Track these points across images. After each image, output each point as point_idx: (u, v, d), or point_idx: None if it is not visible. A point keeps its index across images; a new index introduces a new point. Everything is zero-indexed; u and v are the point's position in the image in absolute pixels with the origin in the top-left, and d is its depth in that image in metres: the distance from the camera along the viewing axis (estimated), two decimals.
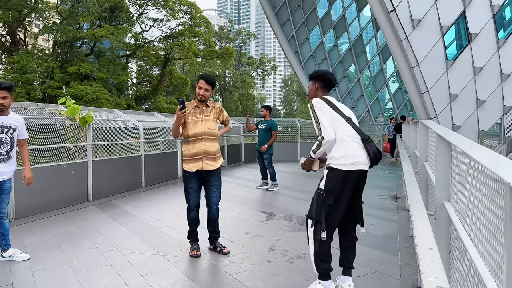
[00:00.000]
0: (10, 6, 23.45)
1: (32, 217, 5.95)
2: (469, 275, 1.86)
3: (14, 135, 4.19)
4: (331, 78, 3.45)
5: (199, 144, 4.16)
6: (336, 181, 3.10)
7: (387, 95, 22.03)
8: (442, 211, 2.62)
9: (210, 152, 4.18)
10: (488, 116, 13.27)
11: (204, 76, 4.25)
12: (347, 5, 19.80)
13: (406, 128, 9.08)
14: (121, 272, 3.81)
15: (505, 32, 13.24)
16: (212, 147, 4.20)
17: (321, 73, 3.46)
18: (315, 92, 3.43)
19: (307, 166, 3.37)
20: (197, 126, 4.17)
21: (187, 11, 29.89)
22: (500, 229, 1.37)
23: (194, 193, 4.27)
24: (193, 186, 4.25)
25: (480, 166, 1.69)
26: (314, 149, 3.20)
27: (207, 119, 4.22)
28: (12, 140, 4.14)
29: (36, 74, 23.69)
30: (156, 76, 31.27)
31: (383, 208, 6.72)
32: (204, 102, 4.25)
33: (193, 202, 4.28)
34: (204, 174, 4.22)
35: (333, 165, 3.13)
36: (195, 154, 4.16)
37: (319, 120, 3.16)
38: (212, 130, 4.23)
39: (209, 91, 4.21)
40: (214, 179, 4.28)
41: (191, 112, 4.21)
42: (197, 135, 4.16)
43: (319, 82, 3.42)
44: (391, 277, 3.66)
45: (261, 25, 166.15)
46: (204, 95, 4.17)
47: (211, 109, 4.28)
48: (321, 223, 3.06)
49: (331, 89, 3.51)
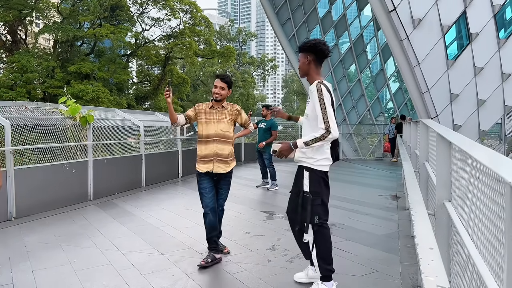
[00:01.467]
0: (11, 5, 23.46)
1: (32, 216, 5.96)
2: (470, 274, 1.86)
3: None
4: (324, 48, 3.08)
5: (211, 145, 4.02)
6: (319, 181, 3.10)
7: (387, 94, 22.00)
8: (443, 211, 2.62)
9: (222, 155, 4.04)
10: (488, 116, 13.26)
11: (219, 75, 4.15)
12: (347, 5, 19.78)
13: (407, 128, 9.07)
14: (122, 271, 3.81)
15: (506, 32, 13.23)
16: (224, 149, 4.05)
17: (313, 44, 3.09)
18: (308, 66, 3.12)
19: (285, 154, 3.11)
20: (210, 127, 4.04)
21: (188, 11, 29.89)
22: (501, 228, 1.37)
23: (207, 194, 4.07)
24: (206, 186, 4.07)
25: (480, 166, 1.69)
26: (309, 141, 2.96)
27: (221, 121, 4.06)
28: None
29: (36, 74, 23.69)
30: (156, 75, 31.27)
31: (384, 207, 6.71)
32: (220, 102, 4.08)
33: (206, 204, 4.04)
34: (216, 177, 4.10)
35: (314, 166, 3.09)
36: (206, 156, 4.03)
37: (328, 112, 2.94)
38: (225, 132, 4.06)
39: (225, 89, 4.06)
40: (224, 182, 4.17)
41: (206, 112, 4.09)
42: (210, 136, 4.03)
43: (311, 55, 3.10)
44: (392, 277, 3.65)
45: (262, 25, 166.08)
46: (220, 93, 4.03)
47: (227, 110, 4.11)
48: (319, 224, 3.08)
49: (324, 60, 3.17)
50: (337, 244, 4.64)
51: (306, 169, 3.10)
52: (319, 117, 2.95)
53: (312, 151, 3.09)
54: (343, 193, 7.84)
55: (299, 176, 3.18)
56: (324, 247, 3.12)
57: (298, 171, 3.22)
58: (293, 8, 19.71)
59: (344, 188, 8.62)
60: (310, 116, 3.06)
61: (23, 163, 6.27)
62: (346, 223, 5.66)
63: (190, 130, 10.14)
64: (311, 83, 3.14)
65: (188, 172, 10.29)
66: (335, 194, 7.87)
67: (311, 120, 3.06)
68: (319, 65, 3.14)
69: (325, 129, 2.92)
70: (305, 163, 3.12)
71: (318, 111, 2.96)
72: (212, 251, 4.03)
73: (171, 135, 10.48)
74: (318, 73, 3.15)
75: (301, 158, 3.14)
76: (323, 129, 2.93)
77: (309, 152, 3.09)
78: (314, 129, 3.02)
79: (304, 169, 3.12)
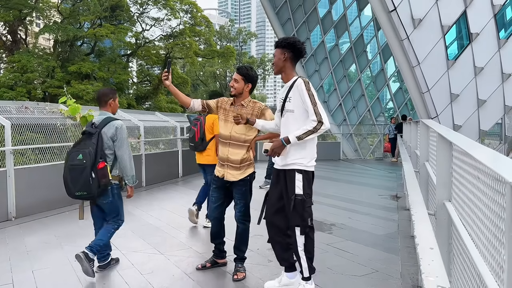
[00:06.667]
0: (11, 5, 23.45)
1: (32, 216, 5.95)
2: (470, 274, 1.86)
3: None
4: (301, 48, 3.08)
5: (225, 148, 3.58)
6: (309, 182, 3.09)
7: (388, 94, 22.01)
8: (443, 211, 2.62)
9: (234, 161, 3.54)
10: (489, 116, 13.26)
11: (237, 66, 3.74)
12: (348, 5, 19.79)
13: (407, 128, 9.07)
14: (122, 271, 3.81)
15: (506, 32, 13.23)
16: (236, 154, 3.53)
17: (291, 41, 3.08)
18: (284, 62, 3.08)
19: (278, 152, 3.01)
20: (226, 126, 3.59)
21: (188, 11, 29.87)
22: (501, 228, 1.37)
23: (213, 203, 3.71)
24: (214, 195, 3.69)
25: (481, 166, 1.69)
26: (302, 135, 2.90)
27: None
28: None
29: (36, 73, 23.69)
30: (156, 75, 31.25)
31: (384, 207, 6.71)
32: (238, 98, 3.60)
33: (210, 213, 3.76)
34: (228, 184, 3.63)
35: (306, 167, 3.06)
36: (221, 158, 3.64)
37: (318, 104, 2.92)
38: (240, 135, 3.53)
39: (239, 82, 3.54)
40: (237, 192, 3.62)
41: (226, 109, 3.63)
42: (224, 138, 3.59)
43: (289, 52, 3.06)
44: (392, 277, 3.65)
45: (262, 25, 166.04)
46: (233, 85, 3.56)
47: (247, 109, 3.55)
48: (310, 226, 3.08)
49: (299, 59, 3.18)
50: (337, 244, 4.64)
51: (299, 171, 3.03)
52: (310, 110, 2.92)
53: (304, 150, 3.03)
54: (343, 193, 7.84)
55: (289, 179, 3.05)
56: (312, 247, 3.12)
57: (288, 175, 3.07)
58: (293, 8, 19.71)
59: (344, 188, 8.61)
60: (297, 111, 3.01)
61: (23, 163, 6.27)
62: (346, 223, 5.66)
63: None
64: (286, 80, 3.12)
65: (188, 172, 10.29)
66: (335, 194, 7.88)
67: (298, 115, 3.01)
68: (294, 63, 3.13)
69: (318, 121, 2.89)
70: (297, 165, 3.03)
71: (308, 104, 2.93)
72: (213, 257, 3.91)
73: (171, 135, 10.48)
74: (293, 71, 3.15)
75: (293, 161, 3.03)
76: (315, 121, 2.90)
77: (301, 151, 3.03)
78: (301, 123, 2.97)
79: (296, 172, 3.03)
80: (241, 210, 3.63)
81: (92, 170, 3.47)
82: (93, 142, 3.54)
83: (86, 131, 3.68)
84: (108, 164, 3.62)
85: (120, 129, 3.70)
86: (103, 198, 3.68)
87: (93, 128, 3.66)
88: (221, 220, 3.76)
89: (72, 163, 3.51)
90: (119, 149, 3.68)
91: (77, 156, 3.50)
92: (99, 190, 3.53)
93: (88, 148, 3.51)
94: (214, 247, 3.88)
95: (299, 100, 2.99)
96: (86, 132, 3.67)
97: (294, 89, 3.03)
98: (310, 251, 3.10)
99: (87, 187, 3.48)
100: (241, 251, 3.72)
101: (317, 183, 3.19)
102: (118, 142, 3.68)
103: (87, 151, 3.49)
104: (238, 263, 3.71)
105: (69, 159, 3.57)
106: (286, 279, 3.27)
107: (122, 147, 3.69)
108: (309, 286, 3.13)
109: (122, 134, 3.71)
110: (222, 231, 3.81)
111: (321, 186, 8.66)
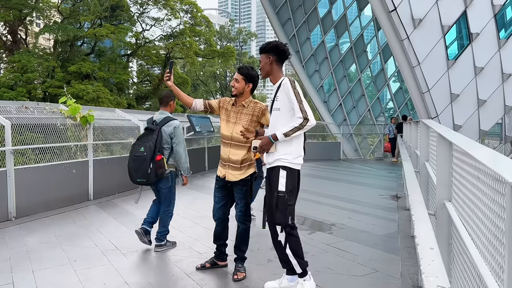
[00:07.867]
0: (11, 5, 23.48)
1: (32, 216, 5.95)
2: (470, 275, 1.86)
3: None
4: (285, 49, 3.20)
5: (226, 149, 3.58)
6: (294, 180, 3.11)
7: (388, 94, 22.00)
8: (443, 211, 2.62)
9: (235, 161, 3.54)
10: (489, 116, 13.25)
11: (238, 66, 3.75)
12: (348, 5, 19.79)
13: (407, 128, 9.07)
14: (122, 271, 3.81)
15: (506, 32, 13.22)
16: (237, 155, 3.53)
17: (275, 45, 3.19)
18: (270, 66, 3.19)
19: (267, 149, 3.11)
20: (227, 127, 3.58)
21: (188, 10, 29.90)
22: (501, 228, 1.37)
23: (216, 203, 3.72)
24: (217, 194, 3.71)
25: (481, 166, 1.69)
26: (288, 132, 2.99)
27: (238, 122, 3.53)
28: None
29: (37, 73, 23.71)
30: (157, 75, 31.26)
31: (384, 207, 6.71)
32: (238, 98, 3.58)
33: (213, 214, 3.74)
34: (229, 184, 3.64)
35: (291, 164, 3.09)
36: (222, 159, 3.64)
37: (303, 101, 3.00)
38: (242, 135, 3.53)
39: (240, 81, 3.51)
40: (237, 192, 3.63)
41: (227, 109, 3.62)
42: (226, 138, 3.59)
43: (274, 56, 3.18)
44: (392, 277, 3.65)
45: (262, 25, 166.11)
46: (234, 85, 3.54)
47: (247, 110, 3.54)
48: (292, 224, 3.08)
49: (284, 61, 3.27)
50: (337, 244, 4.64)
51: (283, 168, 3.09)
52: (296, 107, 3.01)
53: (290, 147, 3.09)
54: (343, 193, 7.83)
55: (274, 176, 3.11)
56: (296, 245, 3.12)
57: (273, 172, 3.14)
58: (293, 8, 19.72)
59: (344, 188, 8.61)
60: (283, 109, 3.10)
61: (23, 163, 6.27)
62: (346, 223, 5.66)
63: (190, 130, 10.12)
64: (274, 82, 3.23)
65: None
66: (336, 194, 7.88)
67: (284, 112, 3.09)
68: (280, 65, 3.25)
69: (303, 118, 2.98)
70: (282, 161, 3.09)
71: (293, 101, 3.02)
72: (214, 258, 3.90)
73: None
74: (280, 72, 3.25)
75: (278, 157, 3.10)
76: (300, 118, 2.98)
77: (288, 147, 3.08)
78: (288, 120, 3.05)
79: (280, 168, 3.09)
80: (241, 210, 3.64)
81: (151, 161, 4.10)
82: (153, 137, 4.16)
83: (148, 127, 4.31)
84: (164, 156, 4.23)
85: (177, 128, 4.34)
86: (164, 184, 4.36)
87: (154, 125, 4.29)
88: (225, 221, 3.78)
89: (135, 154, 4.15)
90: (176, 145, 4.32)
91: (139, 148, 4.14)
92: (156, 178, 4.18)
93: (149, 142, 4.13)
94: (216, 248, 3.87)
95: (286, 99, 3.08)
96: (148, 128, 4.31)
97: (281, 89, 3.14)
98: (295, 249, 3.10)
99: (146, 175, 4.14)
100: (242, 251, 3.72)
101: (317, 183, 3.20)
102: (176, 139, 4.32)
103: (147, 145, 4.11)
104: (238, 263, 3.71)
105: (133, 151, 4.20)
106: (286, 282, 3.28)
107: (179, 144, 4.32)
108: (307, 283, 3.13)
109: (179, 132, 4.35)
110: (225, 232, 3.81)
111: (321, 186, 8.67)
